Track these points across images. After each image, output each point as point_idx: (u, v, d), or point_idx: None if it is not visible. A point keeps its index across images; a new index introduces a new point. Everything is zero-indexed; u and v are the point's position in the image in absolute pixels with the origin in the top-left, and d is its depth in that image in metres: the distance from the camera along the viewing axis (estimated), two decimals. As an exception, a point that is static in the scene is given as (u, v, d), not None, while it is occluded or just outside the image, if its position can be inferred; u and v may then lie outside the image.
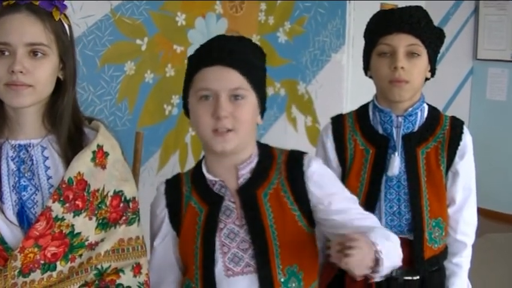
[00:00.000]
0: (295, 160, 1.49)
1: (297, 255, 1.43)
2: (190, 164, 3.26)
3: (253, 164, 1.47)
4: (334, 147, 1.83)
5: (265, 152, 1.51)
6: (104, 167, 1.40)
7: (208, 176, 1.48)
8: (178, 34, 3.16)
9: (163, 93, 3.13)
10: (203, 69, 1.41)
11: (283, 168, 1.47)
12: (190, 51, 3.21)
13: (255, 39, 3.47)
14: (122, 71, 2.91)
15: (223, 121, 1.38)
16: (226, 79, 1.40)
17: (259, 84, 1.46)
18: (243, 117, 1.41)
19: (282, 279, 1.40)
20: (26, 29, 1.31)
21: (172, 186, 1.53)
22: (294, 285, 1.42)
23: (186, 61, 3.21)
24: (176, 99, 3.19)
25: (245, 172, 1.46)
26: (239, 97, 1.40)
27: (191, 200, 1.48)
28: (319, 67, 4.04)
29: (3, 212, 1.33)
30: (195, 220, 1.46)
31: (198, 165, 1.52)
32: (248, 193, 1.44)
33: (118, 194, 1.42)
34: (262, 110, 1.49)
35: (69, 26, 1.41)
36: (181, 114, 3.23)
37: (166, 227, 1.50)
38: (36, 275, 1.32)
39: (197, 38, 3.24)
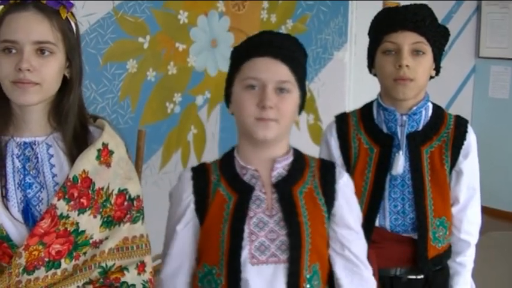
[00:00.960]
0: (328, 167, 1.52)
1: (320, 255, 1.46)
2: (193, 161, 3.27)
3: (288, 161, 1.49)
4: (338, 145, 1.83)
5: (299, 154, 1.53)
6: (108, 165, 1.40)
7: (241, 162, 1.48)
8: (181, 32, 3.17)
9: (166, 91, 3.14)
10: (253, 59, 1.42)
11: (316, 172, 1.50)
12: (193, 49, 3.23)
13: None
14: (124, 69, 2.91)
15: (268, 111, 1.39)
16: (275, 71, 1.41)
17: (303, 82, 1.48)
18: (287, 110, 1.42)
19: (308, 276, 1.42)
20: (33, 27, 1.31)
21: (200, 173, 1.52)
22: (315, 283, 1.44)
23: (189, 59, 3.25)
24: (178, 97, 3.19)
25: (280, 166, 1.47)
26: (285, 90, 1.42)
27: (220, 187, 1.48)
28: (322, 65, 4.05)
29: (8, 210, 1.33)
30: (223, 207, 1.46)
31: (228, 155, 1.52)
32: (285, 188, 1.46)
33: (122, 193, 1.42)
34: (300, 109, 1.51)
35: (76, 24, 1.41)
36: (184, 112, 3.26)
37: (190, 214, 1.49)
38: (41, 273, 1.32)
39: (199, 36, 3.25)
